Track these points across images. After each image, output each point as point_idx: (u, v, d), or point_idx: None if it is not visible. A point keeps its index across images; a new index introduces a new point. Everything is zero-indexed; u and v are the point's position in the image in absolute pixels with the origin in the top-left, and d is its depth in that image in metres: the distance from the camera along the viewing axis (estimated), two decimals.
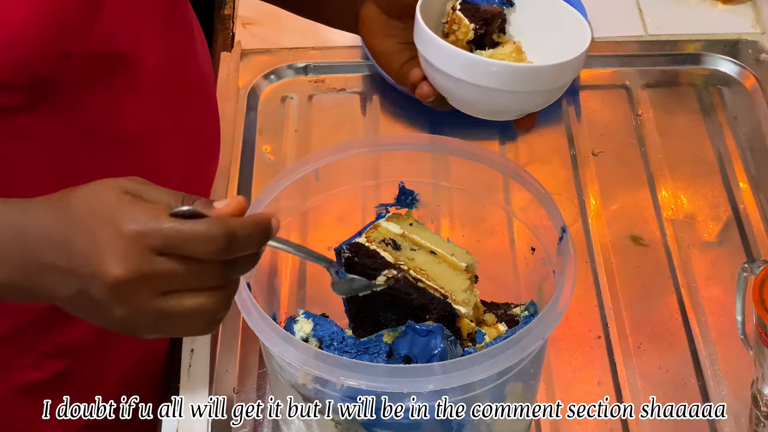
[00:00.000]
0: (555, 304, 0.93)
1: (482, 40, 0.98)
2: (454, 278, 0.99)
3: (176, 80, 1.00)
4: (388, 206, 1.06)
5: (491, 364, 0.89)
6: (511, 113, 0.98)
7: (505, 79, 0.92)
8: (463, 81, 0.93)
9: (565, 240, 0.98)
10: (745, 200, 1.30)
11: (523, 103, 0.96)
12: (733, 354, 1.13)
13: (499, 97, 0.94)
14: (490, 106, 0.96)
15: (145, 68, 0.95)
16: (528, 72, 0.93)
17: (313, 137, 1.39)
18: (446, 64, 0.93)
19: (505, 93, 0.93)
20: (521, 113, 0.98)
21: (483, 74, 0.92)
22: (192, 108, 1.04)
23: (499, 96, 0.93)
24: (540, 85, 0.93)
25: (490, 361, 0.88)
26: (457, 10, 0.97)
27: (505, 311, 1.05)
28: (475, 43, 0.97)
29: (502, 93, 0.93)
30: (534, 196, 1.02)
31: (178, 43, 1.00)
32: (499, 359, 0.89)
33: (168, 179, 0.99)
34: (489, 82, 0.92)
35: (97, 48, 0.89)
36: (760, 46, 1.47)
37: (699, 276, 1.22)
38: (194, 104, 1.05)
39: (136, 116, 0.95)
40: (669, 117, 1.41)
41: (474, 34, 0.96)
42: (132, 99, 0.94)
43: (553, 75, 0.93)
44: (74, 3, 0.85)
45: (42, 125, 0.89)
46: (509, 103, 0.95)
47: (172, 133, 1.00)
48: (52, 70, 0.85)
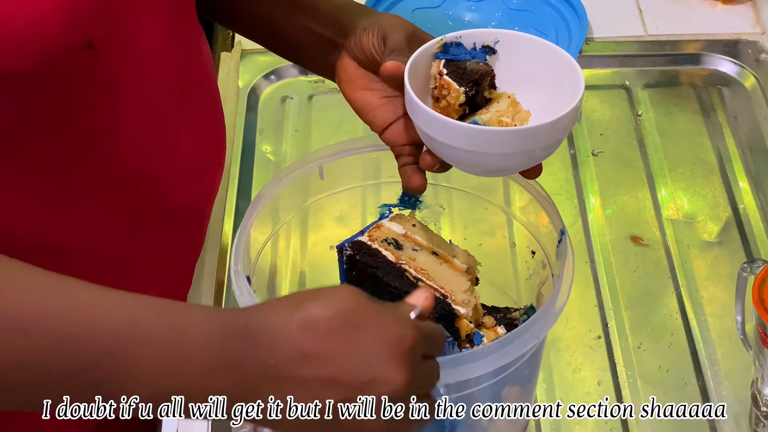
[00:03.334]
0: (551, 306, 0.93)
1: (474, 99, 0.95)
2: (455, 279, 0.99)
3: (183, 80, 1.00)
4: (391, 207, 1.06)
5: (486, 362, 0.89)
6: (516, 169, 0.95)
7: (504, 143, 0.90)
8: (463, 150, 0.91)
9: (564, 243, 0.97)
10: (745, 200, 1.30)
11: (529, 161, 0.93)
12: (733, 354, 1.13)
13: (503, 159, 0.92)
14: (493, 168, 0.94)
15: (153, 64, 0.94)
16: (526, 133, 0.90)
17: (313, 137, 1.39)
18: (444, 136, 0.91)
19: (508, 155, 0.91)
20: (527, 167, 0.95)
21: (484, 142, 0.90)
22: (198, 108, 1.04)
23: (502, 158, 0.92)
24: (539, 142, 0.91)
25: (484, 360, 0.88)
26: (444, 75, 0.94)
27: (504, 315, 1.05)
28: (467, 104, 0.94)
29: (506, 155, 0.91)
30: (533, 198, 1.02)
31: (184, 43, 1.00)
32: (493, 357, 0.89)
33: (176, 178, 1.00)
34: (490, 148, 0.90)
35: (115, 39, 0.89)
36: (760, 46, 1.47)
37: (699, 276, 1.22)
38: (200, 103, 1.05)
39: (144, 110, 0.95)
40: (669, 117, 1.41)
41: (466, 97, 0.94)
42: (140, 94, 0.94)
43: (550, 131, 0.90)
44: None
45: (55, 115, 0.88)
46: (511, 162, 0.93)
47: (179, 131, 1.00)
48: (76, 61, 0.85)
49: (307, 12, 1.04)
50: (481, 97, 0.96)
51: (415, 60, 0.93)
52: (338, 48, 1.01)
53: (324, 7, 1.03)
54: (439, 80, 0.94)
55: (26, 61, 0.81)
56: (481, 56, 0.96)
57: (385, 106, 0.98)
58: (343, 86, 1.01)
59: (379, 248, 0.99)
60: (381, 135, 0.99)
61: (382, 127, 0.98)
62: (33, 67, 0.82)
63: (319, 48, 1.03)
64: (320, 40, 1.02)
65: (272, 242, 1.08)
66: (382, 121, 0.98)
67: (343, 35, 1.00)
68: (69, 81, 0.86)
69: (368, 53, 0.98)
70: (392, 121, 0.98)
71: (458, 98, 0.93)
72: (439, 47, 0.95)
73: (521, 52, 0.97)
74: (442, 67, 0.94)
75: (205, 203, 1.08)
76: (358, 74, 0.99)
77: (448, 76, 0.94)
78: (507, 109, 0.95)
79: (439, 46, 0.95)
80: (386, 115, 0.98)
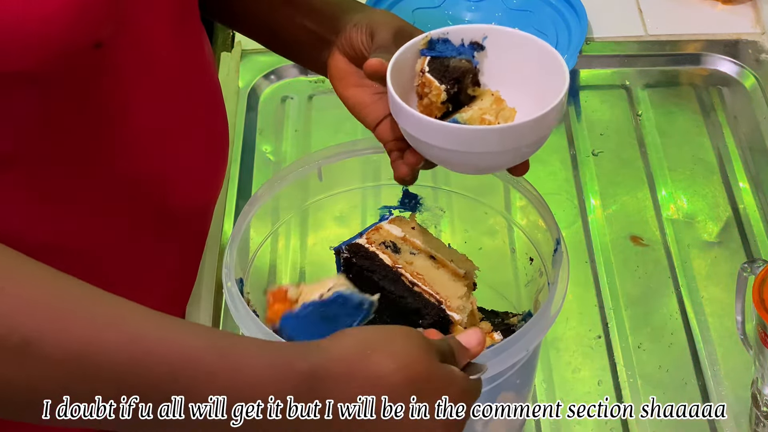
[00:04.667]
0: (544, 314, 0.92)
1: (458, 97, 0.94)
2: (451, 284, 0.98)
3: (187, 80, 1.00)
4: (391, 209, 1.06)
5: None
6: (503, 167, 0.94)
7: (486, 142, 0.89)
8: (445, 149, 0.90)
9: (559, 252, 0.97)
10: (745, 200, 1.30)
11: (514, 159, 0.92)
12: (733, 354, 1.13)
13: (488, 158, 0.91)
14: (479, 166, 0.93)
15: (158, 64, 0.94)
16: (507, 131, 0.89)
17: (313, 137, 1.39)
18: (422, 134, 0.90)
19: (493, 153, 0.90)
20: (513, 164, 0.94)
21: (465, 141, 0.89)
22: (201, 108, 1.04)
23: (487, 157, 0.91)
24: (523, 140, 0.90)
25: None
26: (426, 73, 0.93)
27: (502, 320, 1.05)
28: (451, 101, 0.94)
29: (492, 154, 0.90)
30: (531, 204, 1.02)
31: (188, 42, 1.00)
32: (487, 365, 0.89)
33: (179, 178, 1.00)
34: (472, 147, 0.89)
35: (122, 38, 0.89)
36: (760, 46, 1.47)
37: (699, 276, 1.22)
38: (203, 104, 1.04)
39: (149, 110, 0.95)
40: (669, 117, 1.41)
41: (447, 95, 0.93)
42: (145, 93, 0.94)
43: (535, 127, 0.89)
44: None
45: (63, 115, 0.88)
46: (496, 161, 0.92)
47: (183, 131, 1.00)
48: (84, 60, 0.85)
49: (301, 9, 1.03)
50: (464, 94, 0.95)
51: (399, 57, 0.92)
52: (330, 45, 1.01)
53: (317, 4, 1.03)
54: (421, 78, 0.93)
55: (35, 60, 0.81)
56: (468, 53, 0.95)
57: (377, 104, 0.97)
58: (335, 83, 1.00)
59: (376, 251, 0.99)
60: (374, 131, 0.98)
61: (374, 124, 0.98)
62: (41, 66, 0.82)
63: (312, 45, 1.03)
64: (313, 37, 1.02)
65: (272, 242, 1.08)
66: (373, 118, 0.97)
67: (335, 32, 1.00)
68: (76, 81, 0.86)
69: (357, 50, 0.98)
70: (383, 117, 0.97)
71: (440, 96, 0.92)
72: (425, 44, 0.94)
73: (510, 48, 0.96)
74: (425, 65, 0.93)
75: (207, 203, 1.08)
76: (350, 71, 0.99)
77: (429, 73, 0.93)
78: (490, 107, 0.94)
79: (425, 43, 0.94)
80: (378, 111, 0.97)
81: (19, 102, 0.84)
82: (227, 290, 0.93)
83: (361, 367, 0.74)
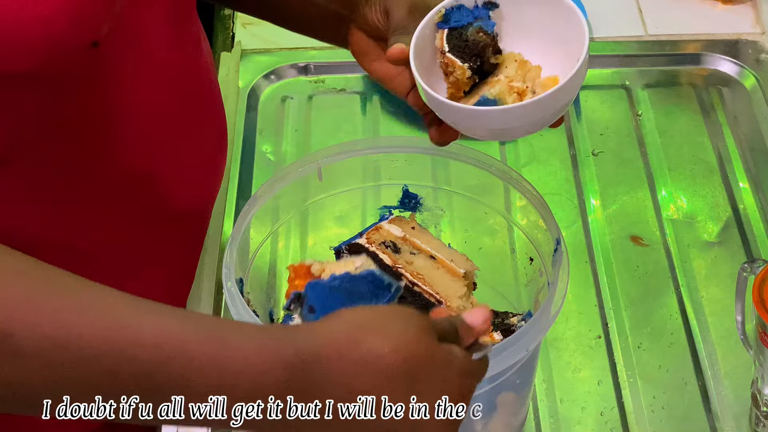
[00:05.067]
0: (543, 315, 0.92)
1: (482, 68, 0.96)
2: (451, 284, 0.98)
3: (185, 80, 1.00)
4: (391, 209, 1.06)
5: None
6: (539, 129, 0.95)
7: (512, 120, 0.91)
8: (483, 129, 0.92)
9: (559, 252, 0.97)
10: (745, 200, 1.30)
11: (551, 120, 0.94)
12: (733, 354, 1.13)
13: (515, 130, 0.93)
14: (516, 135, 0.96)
15: (156, 63, 0.94)
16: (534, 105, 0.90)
17: (313, 137, 1.39)
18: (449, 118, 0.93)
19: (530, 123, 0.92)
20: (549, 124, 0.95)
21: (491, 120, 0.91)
22: (200, 107, 1.04)
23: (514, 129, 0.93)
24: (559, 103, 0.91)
25: None
26: (447, 53, 0.94)
27: (502, 320, 1.05)
28: (476, 73, 0.95)
29: (528, 124, 0.92)
30: (532, 204, 1.02)
31: (186, 42, 1.00)
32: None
33: (178, 177, 1.00)
34: (512, 123, 0.91)
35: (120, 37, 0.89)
36: (760, 46, 1.47)
37: (699, 276, 1.22)
38: (202, 103, 1.04)
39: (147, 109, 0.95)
40: (669, 117, 1.41)
41: (471, 71, 0.94)
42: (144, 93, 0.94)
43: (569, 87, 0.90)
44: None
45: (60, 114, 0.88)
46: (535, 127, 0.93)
47: (181, 131, 1.00)
48: (81, 60, 0.85)
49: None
50: (488, 64, 0.96)
51: (418, 39, 0.94)
52: (345, 20, 1.01)
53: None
54: (443, 58, 0.95)
55: (33, 60, 0.81)
56: (484, 13, 0.96)
57: (403, 74, 0.97)
58: (359, 59, 1.02)
59: (376, 251, 0.99)
60: (405, 99, 0.99)
61: (404, 93, 0.98)
62: (39, 66, 0.82)
63: (326, 21, 1.03)
64: (325, 12, 1.03)
65: (272, 241, 1.08)
66: (404, 89, 0.98)
67: (348, 7, 1.01)
68: (74, 80, 0.86)
69: (374, 27, 0.99)
70: (413, 85, 0.97)
71: (464, 73, 0.94)
72: (440, 17, 0.95)
73: (523, 2, 0.97)
74: (444, 44, 0.95)
75: (206, 203, 1.08)
76: (371, 46, 1.00)
77: (450, 53, 0.94)
78: (516, 73, 0.95)
79: (440, 16, 0.95)
80: (406, 82, 0.97)
81: (15, 101, 0.84)
82: (227, 290, 0.93)
83: (353, 349, 0.71)
